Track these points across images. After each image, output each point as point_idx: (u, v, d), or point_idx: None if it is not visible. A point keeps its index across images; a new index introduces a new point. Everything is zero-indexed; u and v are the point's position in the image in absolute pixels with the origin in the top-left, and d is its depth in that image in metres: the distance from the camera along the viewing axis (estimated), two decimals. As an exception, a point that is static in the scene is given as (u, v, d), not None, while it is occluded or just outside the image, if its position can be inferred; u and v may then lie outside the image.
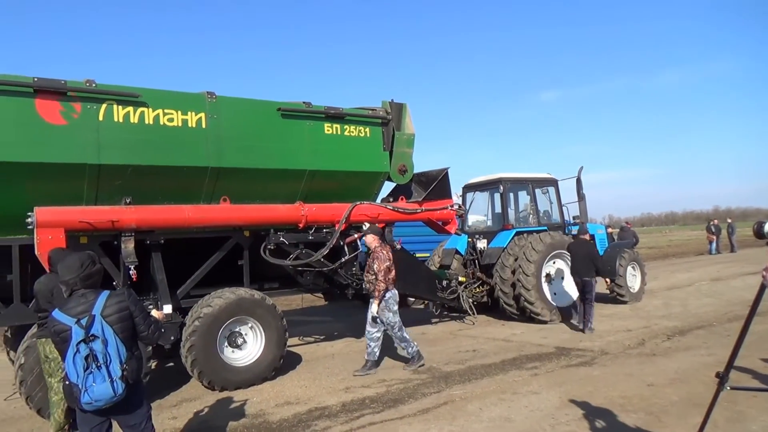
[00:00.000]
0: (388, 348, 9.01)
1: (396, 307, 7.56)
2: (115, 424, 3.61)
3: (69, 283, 3.50)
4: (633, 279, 12.63)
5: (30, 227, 5.94)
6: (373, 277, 7.44)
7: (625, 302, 12.22)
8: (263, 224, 7.64)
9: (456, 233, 10.92)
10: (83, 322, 3.34)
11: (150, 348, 6.53)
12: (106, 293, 3.53)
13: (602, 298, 12.76)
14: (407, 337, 7.66)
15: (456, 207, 9.43)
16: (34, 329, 5.80)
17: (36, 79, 6.03)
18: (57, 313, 3.43)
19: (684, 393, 5.71)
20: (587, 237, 10.01)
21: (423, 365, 7.56)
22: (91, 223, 6.23)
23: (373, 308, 7.44)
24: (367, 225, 8.16)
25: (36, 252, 5.91)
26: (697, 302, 12.10)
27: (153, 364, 8.18)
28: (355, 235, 8.39)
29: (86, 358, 3.29)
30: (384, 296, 7.42)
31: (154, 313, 4.51)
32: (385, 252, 7.51)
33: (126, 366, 3.39)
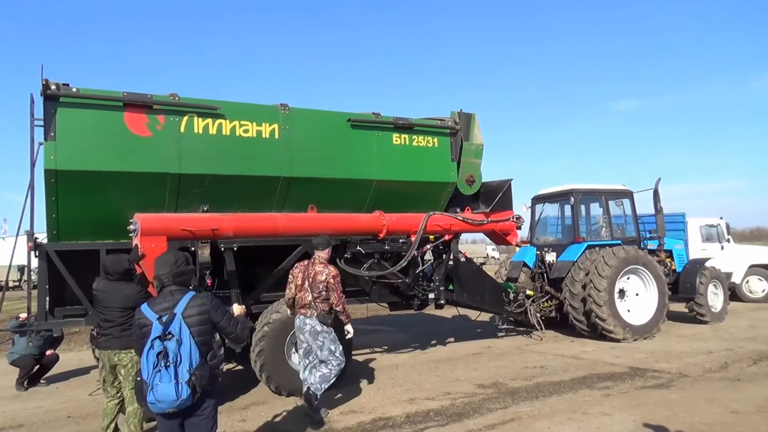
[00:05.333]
0: (450, 360, 8.91)
1: None
2: None
3: (161, 278, 3.58)
4: (714, 298, 11.92)
5: (132, 234, 6.02)
6: None
7: (705, 322, 11.53)
8: (346, 233, 7.70)
9: (516, 245, 10.71)
10: (164, 318, 3.37)
11: (221, 351, 6.70)
12: (191, 294, 3.55)
13: (680, 318, 12.12)
14: None
15: (516, 218, 9.29)
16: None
17: (125, 94, 6.45)
18: (144, 308, 3.51)
19: (773, 423, 5.31)
20: None
21: None
22: (193, 231, 6.25)
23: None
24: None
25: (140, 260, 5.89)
26: (788, 325, 11.27)
27: (225, 367, 8.46)
28: (427, 246, 8.38)
29: (158, 355, 3.27)
30: None
31: (235, 308, 4.57)
32: None
33: (195, 372, 3.28)
